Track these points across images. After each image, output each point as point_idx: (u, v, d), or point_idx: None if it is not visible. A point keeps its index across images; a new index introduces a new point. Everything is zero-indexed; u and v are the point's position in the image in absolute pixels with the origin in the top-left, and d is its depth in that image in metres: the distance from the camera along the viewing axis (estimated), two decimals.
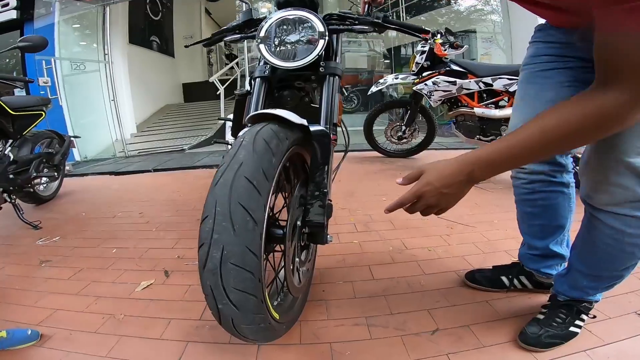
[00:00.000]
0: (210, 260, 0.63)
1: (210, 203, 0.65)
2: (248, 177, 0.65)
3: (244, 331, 0.69)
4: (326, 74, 1.08)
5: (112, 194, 2.72)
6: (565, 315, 0.91)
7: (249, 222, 0.63)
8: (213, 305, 0.66)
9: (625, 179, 0.71)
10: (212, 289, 0.64)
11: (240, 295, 0.64)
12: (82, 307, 1.14)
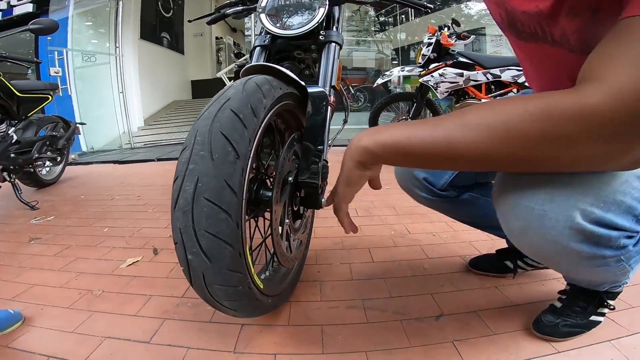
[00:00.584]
0: (182, 195, 0.54)
1: (190, 134, 0.58)
2: (234, 110, 0.58)
3: (218, 294, 0.60)
4: (326, 42, 1.03)
5: (113, 180, 2.69)
6: (585, 302, 0.80)
7: (230, 152, 0.55)
8: (182, 257, 0.57)
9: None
10: (182, 232, 0.55)
11: (214, 241, 0.54)
12: (61, 283, 1.08)
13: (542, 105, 0.43)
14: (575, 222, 0.49)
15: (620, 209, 0.50)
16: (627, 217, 0.51)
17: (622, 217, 0.50)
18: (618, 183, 0.50)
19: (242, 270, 0.60)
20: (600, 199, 0.49)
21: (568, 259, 0.54)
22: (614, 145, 0.42)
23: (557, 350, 0.76)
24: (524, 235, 0.55)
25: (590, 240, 0.51)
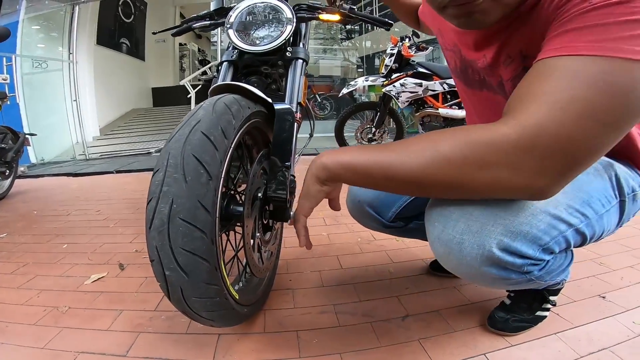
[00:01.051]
0: (157, 216, 0.56)
1: (162, 157, 0.60)
2: (205, 132, 0.60)
3: (196, 306, 0.62)
4: (292, 58, 1.08)
5: (68, 193, 2.56)
6: (530, 300, 0.89)
7: (202, 174, 0.58)
8: (160, 273, 0.58)
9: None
10: (159, 250, 0.56)
11: (190, 258, 0.57)
12: (23, 301, 1.03)
13: (466, 135, 0.50)
14: (487, 249, 0.56)
15: (527, 239, 0.57)
16: (533, 246, 0.57)
17: (528, 246, 0.57)
18: (525, 215, 0.57)
19: (218, 283, 0.62)
20: (508, 230, 0.56)
21: (483, 279, 0.62)
22: (519, 172, 0.48)
23: (511, 344, 0.83)
24: (447, 258, 0.62)
25: (499, 266, 0.58)
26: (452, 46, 0.80)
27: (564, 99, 0.45)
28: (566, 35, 0.47)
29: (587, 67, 0.45)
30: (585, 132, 0.45)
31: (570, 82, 0.45)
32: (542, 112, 0.45)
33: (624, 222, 0.73)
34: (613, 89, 0.44)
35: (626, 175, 0.68)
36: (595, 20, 0.45)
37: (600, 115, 0.45)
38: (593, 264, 1.24)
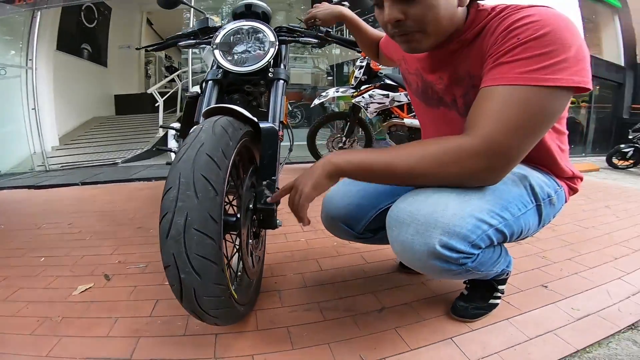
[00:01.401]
0: (174, 227, 0.65)
1: (173, 176, 0.68)
2: (209, 154, 0.70)
3: (206, 305, 0.70)
4: (274, 79, 1.17)
5: (34, 207, 2.46)
6: (484, 290, 1.04)
7: (210, 191, 0.67)
8: (175, 277, 0.66)
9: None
10: (175, 257, 0.65)
11: (203, 262, 0.66)
12: (12, 312, 1.05)
13: (445, 142, 0.70)
14: (431, 246, 0.71)
15: (459, 237, 0.71)
16: (464, 242, 0.72)
17: (460, 243, 0.72)
18: (457, 219, 0.71)
19: (224, 283, 0.72)
20: (445, 231, 0.71)
21: (432, 270, 0.77)
22: (478, 167, 0.69)
23: (472, 329, 0.98)
24: (403, 255, 0.78)
25: (441, 259, 0.73)
26: (414, 70, 0.96)
27: (504, 117, 0.65)
28: (502, 67, 0.68)
29: (516, 94, 0.65)
30: (518, 140, 0.66)
31: (506, 105, 0.66)
32: (492, 128, 0.66)
33: (546, 222, 0.90)
34: (533, 109, 0.65)
35: (541, 183, 0.85)
36: (520, 55, 0.65)
37: (526, 128, 0.66)
38: (537, 258, 1.44)
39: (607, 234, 1.79)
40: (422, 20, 0.71)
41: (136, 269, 1.33)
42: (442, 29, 0.74)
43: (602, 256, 1.48)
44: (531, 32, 0.65)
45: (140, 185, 3.09)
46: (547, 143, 0.84)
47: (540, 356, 0.87)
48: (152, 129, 6.01)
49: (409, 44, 0.77)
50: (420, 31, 0.73)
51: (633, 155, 5.07)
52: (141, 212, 2.17)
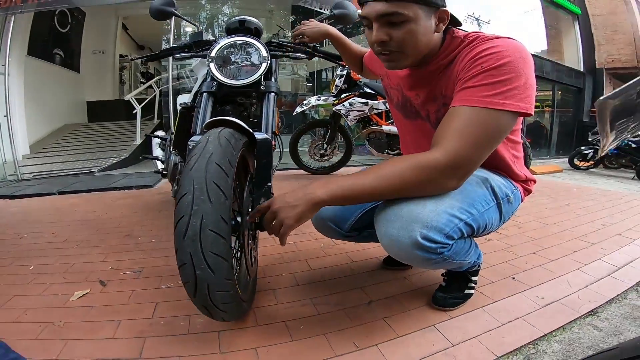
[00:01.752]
0: (191, 228, 0.72)
1: (187, 183, 0.76)
2: (218, 163, 0.78)
3: (217, 299, 0.77)
4: (266, 92, 1.25)
5: (11, 216, 2.41)
6: (459, 281, 1.16)
7: (221, 196, 0.75)
8: (190, 273, 0.73)
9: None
10: (192, 255, 0.72)
11: (216, 259, 0.73)
12: (11, 319, 1.06)
13: (415, 161, 0.81)
14: (414, 239, 0.83)
15: (436, 230, 0.83)
16: (440, 234, 0.84)
17: (437, 234, 0.84)
18: (433, 215, 0.84)
19: (232, 278, 0.79)
20: (425, 225, 0.83)
21: (415, 260, 0.88)
22: (443, 180, 0.82)
23: (451, 317, 1.08)
24: (390, 247, 0.89)
25: (423, 249, 0.84)
26: (395, 85, 1.08)
27: (466, 135, 0.79)
28: (467, 90, 0.81)
29: (476, 115, 0.79)
30: (477, 153, 0.81)
31: (469, 124, 0.79)
32: (457, 143, 0.79)
33: (506, 218, 1.04)
34: (488, 128, 0.79)
35: (500, 185, 0.99)
36: (482, 81, 0.79)
37: (483, 143, 0.81)
38: (505, 252, 1.58)
39: (568, 229, 1.97)
40: (402, 42, 0.84)
41: (131, 275, 1.37)
42: (418, 51, 0.87)
43: (562, 250, 1.64)
44: (493, 61, 0.79)
45: (121, 194, 3.06)
46: (502, 153, 0.99)
47: (513, 340, 0.98)
48: (129, 136, 5.90)
49: (390, 62, 0.90)
50: (399, 52, 0.86)
51: (593, 157, 5.46)
52: (126, 220, 2.17)
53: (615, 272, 1.42)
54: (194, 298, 0.77)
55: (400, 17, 0.80)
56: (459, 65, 0.86)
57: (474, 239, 1.05)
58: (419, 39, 0.84)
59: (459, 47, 0.88)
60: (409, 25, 0.82)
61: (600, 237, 1.83)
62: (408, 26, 0.82)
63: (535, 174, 4.36)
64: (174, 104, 4.33)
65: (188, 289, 0.76)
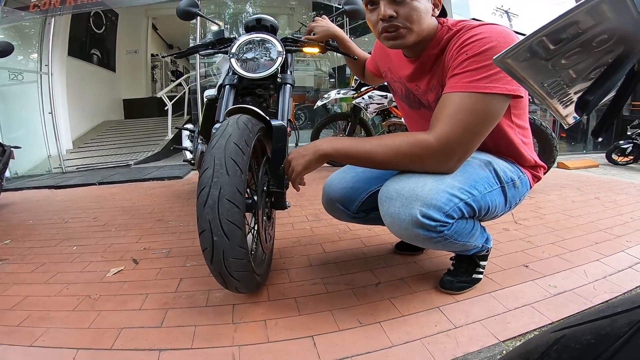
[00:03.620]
0: (210, 197, 0.81)
1: (209, 159, 0.85)
2: (236, 142, 0.87)
3: (231, 265, 0.85)
4: (282, 83, 1.33)
5: (58, 204, 2.64)
6: (467, 265, 1.18)
7: (237, 170, 0.84)
8: (208, 240, 0.82)
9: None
10: (211, 222, 0.81)
11: (231, 227, 0.82)
12: (54, 293, 1.19)
13: (414, 137, 0.88)
14: (414, 216, 0.87)
15: (435, 208, 0.87)
16: (440, 212, 0.88)
17: (436, 212, 0.87)
18: (433, 193, 0.87)
19: (246, 247, 0.87)
20: (424, 203, 0.87)
21: (417, 239, 0.92)
22: (436, 161, 0.88)
23: (457, 300, 1.11)
24: (392, 225, 0.94)
25: (423, 228, 0.88)
26: (398, 78, 1.13)
27: (457, 119, 0.83)
28: (455, 78, 0.86)
29: (465, 99, 0.83)
30: (467, 138, 0.85)
31: (458, 109, 0.84)
32: (447, 128, 0.84)
33: (512, 203, 1.06)
34: (478, 112, 0.83)
35: (505, 169, 1.01)
36: (468, 67, 0.83)
37: (474, 127, 0.84)
38: (522, 242, 1.57)
39: (592, 222, 1.91)
40: (409, 17, 0.89)
41: (160, 254, 1.49)
42: (421, 28, 0.92)
43: (583, 241, 1.60)
44: (476, 48, 0.83)
45: (155, 185, 3.27)
46: (511, 137, 1.01)
47: (518, 326, 0.98)
48: (161, 132, 6.20)
49: (395, 40, 0.93)
50: (405, 27, 0.90)
51: (632, 151, 5.14)
52: (159, 207, 2.34)
53: (637, 265, 1.37)
54: (211, 265, 0.86)
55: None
56: (448, 55, 0.90)
57: (479, 222, 1.07)
58: (422, 16, 0.90)
59: (446, 36, 0.92)
60: (414, 2, 0.88)
61: (627, 230, 1.76)
62: (413, 3, 0.88)
63: (569, 168, 4.18)
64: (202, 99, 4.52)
65: (206, 255, 0.85)
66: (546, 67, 0.36)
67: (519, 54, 0.35)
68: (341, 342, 0.91)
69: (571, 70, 0.36)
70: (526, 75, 0.37)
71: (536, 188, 2.72)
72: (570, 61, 0.35)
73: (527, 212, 2.08)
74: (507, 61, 0.36)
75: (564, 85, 0.38)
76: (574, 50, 0.34)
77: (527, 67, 0.36)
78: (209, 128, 1.54)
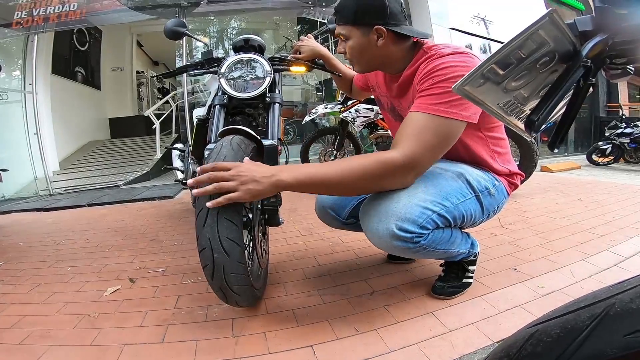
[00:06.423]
0: (210, 217, 0.84)
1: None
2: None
3: (231, 280, 0.88)
4: (271, 102, 1.37)
5: (47, 227, 2.61)
6: (456, 270, 1.22)
7: None
8: (209, 257, 0.85)
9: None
10: (211, 240, 0.84)
11: (231, 243, 0.84)
12: (53, 312, 1.19)
13: (375, 158, 0.91)
14: (390, 230, 0.93)
15: (409, 221, 0.93)
16: (414, 225, 0.93)
17: (411, 225, 0.93)
18: (406, 208, 0.93)
19: (245, 262, 0.90)
20: (399, 217, 0.93)
21: (396, 249, 0.98)
22: (399, 177, 0.93)
23: (450, 305, 1.14)
24: (373, 239, 1.00)
25: (400, 239, 0.94)
26: (385, 93, 1.21)
27: (422, 139, 0.90)
28: (420, 98, 0.94)
29: (429, 120, 0.91)
30: (429, 155, 0.92)
31: (423, 129, 0.91)
32: (413, 146, 0.90)
33: (490, 211, 1.12)
34: (440, 132, 0.91)
35: (479, 178, 1.07)
36: (433, 91, 0.92)
37: (434, 146, 0.91)
38: (509, 246, 1.63)
39: (576, 222, 1.98)
40: (350, 54, 1.07)
41: (156, 273, 1.50)
42: (365, 60, 1.07)
43: (568, 242, 1.67)
44: (442, 75, 0.92)
45: (145, 205, 3.26)
46: (477, 150, 1.09)
47: (510, 326, 1.02)
48: (149, 151, 6.17)
49: (353, 68, 1.13)
50: (351, 60, 1.09)
51: (612, 152, 5.33)
52: (152, 227, 2.34)
53: (622, 262, 1.43)
54: (211, 281, 0.89)
55: (342, 36, 1.06)
56: (417, 77, 0.99)
57: (459, 230, 1.12)
58: (359, 51, 1.05)
59: (419, 60, 1.01)
60: (349, 42, 1.05)
61: (610, 229, 1.83)
62: (349, 42, 1.05)
63: (552, 171, 4.31)
64: (190, 117, 4.54)
65: (207, 272, 0.88)
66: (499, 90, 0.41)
67: (474, 80, 0.40)
68: (340, 350, 0.94)
69: (522, 90, 0.42)
70: (483, 99, 0.42)
71: (520, 192, 2.82)
72: (520, 83, 0.41)
73: (513, 216, 2.15)
74: (464, 88, 0.41)
75: (518, 104, 0.43)
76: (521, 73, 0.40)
77: (483, 92, 0.41)
78: (200, 148, 1.57)
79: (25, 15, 4.58)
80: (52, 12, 4.63)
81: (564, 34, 0.36)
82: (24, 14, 4.58)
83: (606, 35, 0.34)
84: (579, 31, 0.36)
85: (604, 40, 0.34)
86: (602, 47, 0.35)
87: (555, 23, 0.35)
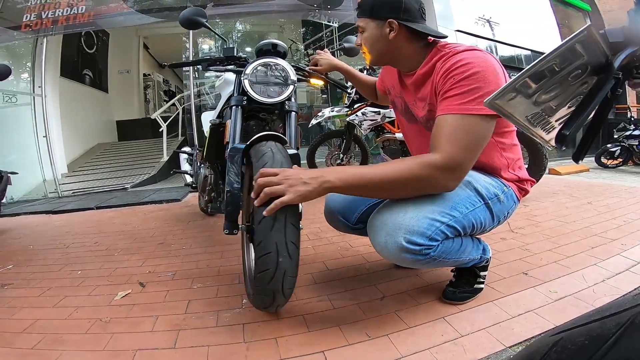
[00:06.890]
0: (277, 221, 0.87)
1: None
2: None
3: (287, 283, 0.91)
4: (289, 111, 1.37)
5: (57, 230, 2.64)
6: (468, 276, 1.21)
7: None
8: (273, 261, 0.87)
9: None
10: (278, 244, 0.86)
11: (294, 247, 0.88)
12: (64, 316, 1.20)
13: (419, 160, 0.92)
14: (399, 243, 0.92)
15: (418, 234, 0.93)
16: (423, 237, 0.93)
17: (420, 237, 0.93)
18: (414, 220, 0.93)
19: (298, 265, 0.93)
20: (407, 230, 0.93)
21: (405, 261, 0.98)
22: (442, 179, 0.91)
23: (461, 310, 1.14)
24: (382, 252, 0.99)
25: (409, 252, 0.93)
26: (399, 94, 1.21)
27: (456, 139, 0.89)
28: (446, 100, 0.93)
29: (459, 120, 0.90)
30: (467, 154, 0.91)
31: (456, 129, 0.90)
32: (450, 147, 0.90)
33: (501, 216, 1.11)
34: (472, 130, 0.90)
35: (487, 185, 1.06)
36: (457, 91, 0.91)
37: (471, 145, 0.91)
38: (520, 250, 1.61)
39: (587, 227, 1.96)
40: (364, 45, 1.12)
41: (166, 277, 1.50)
42: (376, 52, 1.10)
43: (580, 246, 1.65)
44: (462, 73, 0.92)
45: (153, 208, 3.27)
46: (488, 157, 1.08)
47: (523, 331, 1.01)
48: (156, 153, 6.21)
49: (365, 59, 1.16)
50: (365, 52, 1.13)
51: (621, 154, 5.26)
52: (159, 230, 2.35)
53: (634, 267, 1.41)
54: (266, 285, 0.91)
55: (360, 28, 1.11)
56: (436, 76, 0.99)
57: (470, 238, 1.11)
58: (371, 42, 1.09)
59: (434, 58, 1.01)
60: (365, 34, 1.09)
61: (621, 233, 1.81)
62: (365, 34, 1.10)
63: (560, 174, 4.28)
64: (197, 120, 4.55)
65: (264, 276, 0.89)
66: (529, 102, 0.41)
67: (505, 94, 0.40)
68: (352, 355, 0.93)
69: (551, 103, 0.42)
70: (512, 112, 0.42)
71: (530, 195, 2.79)
72: (550, 95, 0.41)
73: (523, 221, 2.13)
74: (496, 102, 0.41)
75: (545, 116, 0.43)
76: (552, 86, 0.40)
77: (513, 105, 0.41)
78: (214, 153, 1.59)
79: (34, 18, 4.62)
80: (61, 15, 4.67)
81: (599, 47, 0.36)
82: (33, 17, 4.62)
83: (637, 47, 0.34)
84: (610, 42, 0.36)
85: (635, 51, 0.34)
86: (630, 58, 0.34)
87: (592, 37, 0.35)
